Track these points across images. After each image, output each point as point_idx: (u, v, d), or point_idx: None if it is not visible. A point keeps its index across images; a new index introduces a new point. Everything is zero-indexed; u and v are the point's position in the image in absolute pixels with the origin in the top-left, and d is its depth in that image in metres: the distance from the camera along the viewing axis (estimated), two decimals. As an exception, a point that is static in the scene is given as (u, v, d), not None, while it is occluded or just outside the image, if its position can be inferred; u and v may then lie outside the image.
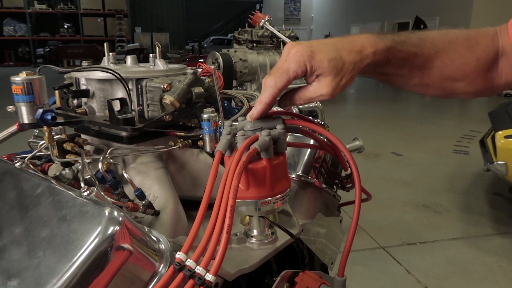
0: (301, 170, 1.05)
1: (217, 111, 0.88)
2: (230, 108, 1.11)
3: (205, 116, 0.86)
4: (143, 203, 0.83)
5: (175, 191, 0.92)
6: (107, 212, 0.55)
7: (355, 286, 2.53)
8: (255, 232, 0.79)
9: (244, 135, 0.67)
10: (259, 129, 0.68)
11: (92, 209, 0.56)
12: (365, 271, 2.74)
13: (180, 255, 0.55)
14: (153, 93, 0.87)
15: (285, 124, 0.70)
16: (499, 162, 3.16)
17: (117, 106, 0.88)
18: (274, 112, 0.75)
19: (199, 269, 0.54)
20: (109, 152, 0.86)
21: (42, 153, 0.96)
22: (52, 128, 0.86)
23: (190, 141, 0.91)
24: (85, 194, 0.60)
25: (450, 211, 3.68)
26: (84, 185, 0.81)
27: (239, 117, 0.78)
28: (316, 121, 1.07)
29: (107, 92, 0.93)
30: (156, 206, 0.86)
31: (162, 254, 0.61)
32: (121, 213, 0.55)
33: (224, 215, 0.57)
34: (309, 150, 1.08)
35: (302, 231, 0.89)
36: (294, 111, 2.03)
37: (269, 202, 0.69)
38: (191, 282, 0.54)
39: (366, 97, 11.26)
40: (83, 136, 0.94)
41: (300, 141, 1.03)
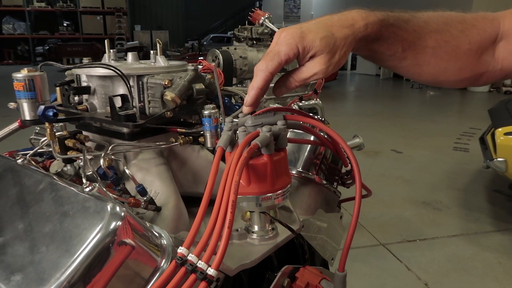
0: (301, 166, 1.06)
1: (218, 107, 0.89)
2: (231, 105, 1.12)
3: (206, 113, 0.86)
4: (145, 199, 0.84)
5: (176, 187, 0.92)
6: (109, 207, 0.55)
7: (355, 283, 2.54)
8: (256, 228, 0.80)
9: (245, 131, 0.67)
10: (260, 125, 0.68)
11: (95, 204, 0.56)
12: (365, 268, 2.75)
13: (182, 250, 0.55)
14: (154, 89, 0.88)
15: (286, 120, 0.71)
16: (499, 159, 3.16)
17: (118, 103, 0.88)
18: (275, 108, 0.75)
19: (201, 264, 0.54)
20: (110, 149, 0.86)
21: (43, 149, 0.97)
22: (54, 124, 0.86)
23: (191, 137, 0.92)
24: (87, 190, 0.60)
25: (450, 208, 3.68)
26: (86, 181, 0.81)
27: (239, 113, 0.78)
28: (317, 117, 1.07)
29: (108, 88, 0.93)
30: (158, 202, 0.86)
31: (164, 249, 0.61)
32: (123, 209, 0.56)
33: (225, 210, 0.57)
34: (309, 146, 1.08)
35: (303, 227, 0.89)
36: (295, 108, 2.03)
37: (270, 198, 0.69)
38: (192, 277, 0.54)
39: (366, 94, 11.26)
40: (85, 132, 0.94)
41: (301, 137, 1.04)
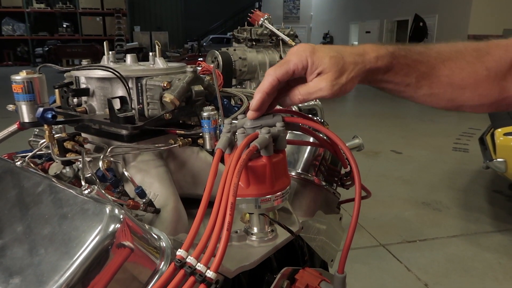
0: (301, 167, 1.06)
1: (217, 109, 0.89)
2: (230, 106, 1.12)
3: (205, 114, 0.86)
4: (144, 201, 0.84)
5: (175, 189, 0.92)
6: (108, 210, 0.55)
7: (355, 284, 2.54)
8: (255, 230, 0.80)
9: (244, 133, 0.67)
10: (259, 126, 0.68)
11: (93, 207, 0.56)
12: (365, 268, 2.75)
13: (181, 253, 0.55)
14: (153, 91, 0.88)
15: (284, 121, 0.71)
16: (499, 160, 3.17)
17: (117, 105, 0.88)
18: (274, 110, 0.75)
19: (200, 266, 0.54)
20: (109, 151, 0.86)
21: (42, 152, 0.97)
22: (53, 126, 0.86)
23: (190, 139, 0.92)
24: (86, 192, 0.60)
25: (449, 209, 3.68)
26: (85, 183, 0.81)
27: (239, 115, 0.78)
28: (316, 119, 1.07)
29: (107, 90, 0.93)
30: (157, 204, 0.86)
31: (163, 251, 0.61)
32: (122, 211, 0.56)
33: (224, 212, 0.57)
34: (309, 147, 1.08)
35: (302, 228, 0.89)
36: (294, 109, 2.03)
37: (269, 199, 0.69)
38: (192, 279, 0.54)
39: (366, 95, 11.25)
40: (84, 134, 0.94)
41: (300, 139, 1.04)
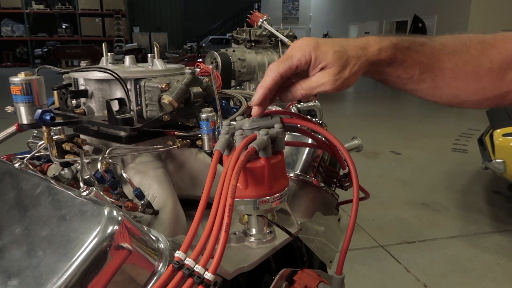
0: (299, 169, 1.06)
1: (215, 110, 0.89)
2: (228, 108, 1.12)
3: (203, 116, 0.86)
4: (142, 202, 0.84)
5: (174, 190, 0.92)
6: (106, 211, 0.55)
7: (354, 285, 2.54)
8: (253, 231, 0.80)
9: (242, 134, 0.67)
10: (257, 128, 0.68)
11: (92, 208, 0.56)
12: (364, 269, 2.75)
13: (179, 254, 0.55)
14: (152, 93, 0.88)
15: (283, 123, 0.71)
16: (497, 160, 3.17)
17: (115, 106, 0.88)
18: (273, 111, 0.75)
19: (198, 268, 0.54)
20: (108, 152, 0.87)
21: (41, 153, 0.97)
22: (51, 128, 0.86)
23: (189, 140, 0.92)
24: (84, 194, 0.60)
25: (448, 209, 3.69)
26: (84, 185, 0.81)
27: (237, 116, 0.78)
28: (314, 120, 1.07)
29: (105, 92, 0.93)
30: (155, 206, 0.86)
31: (161, 253, 0.61)
32: (120, 213, 0.56)
33: (222, 214, 0.57)
34: (307, 149, 1.08)
35: (301, 229, 0.89)
36: (293, 110, 2.03)
37: (267, 201, 0.69)
38: (190, 281, 0.54)
39: (365, 96, 11.26)
40: (82, 136, 0.94)
41: (299, 140, 1.04)
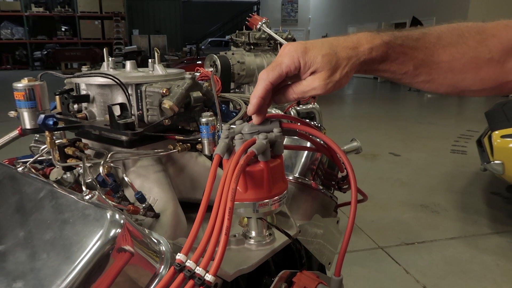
0: (298, 172, 1.07)
1: (215, 114, 0.90)
2: (228, 112, 1.13)
3: (203, 120, 0.87)
4: (144, 205, 0.85)
5: (174, 193, 0.93)
6: (109, 215, 0.56)
7: (354, 286, 2.54)
8: (253, 234, 0.81)
9: (241, 139, 0.68)
10: (257, 132, 0.70)
11: (94, 212, 0.57)
12: (363, 271, 2.76)
13: (180, 256, 0.56)
14: (152, 97, 0.89)
15: (282, 127, 0.72)
16: (496, 162, 3.18)
17: (117, 111, 0.89)
18: (272, 115, 0.76)
19: (199, 270, 0.55)
20: (109, 156, 0.88)
21: (43, 157, 0.98)
22: (54, 132, 0.87)
23: (189, 144, 0.93)
24: (87, 197, 0.61)
25: (448, 211, 3.69)
26: (86, 188, 0.82)
27: (237, 120, 0.79)
28: (313, 123, 1.08)
29: (107, 97, 0.94)
30: (156, 209, 0.87)
31: (162, 255, 0.62)
32: (122, 216, 0.57)
33: (222, 217, 0.58)
34: (306, 152, 1.09)
35: (300, 232, 0.90)
36: (292, 112, 2.04)
37: (266, 204, 0.70)
38: (191, 283, 0.55)
39: (364, 97, 11.28)
40: (84, 140, 0.95)
41: (297, 143, 1.05)
